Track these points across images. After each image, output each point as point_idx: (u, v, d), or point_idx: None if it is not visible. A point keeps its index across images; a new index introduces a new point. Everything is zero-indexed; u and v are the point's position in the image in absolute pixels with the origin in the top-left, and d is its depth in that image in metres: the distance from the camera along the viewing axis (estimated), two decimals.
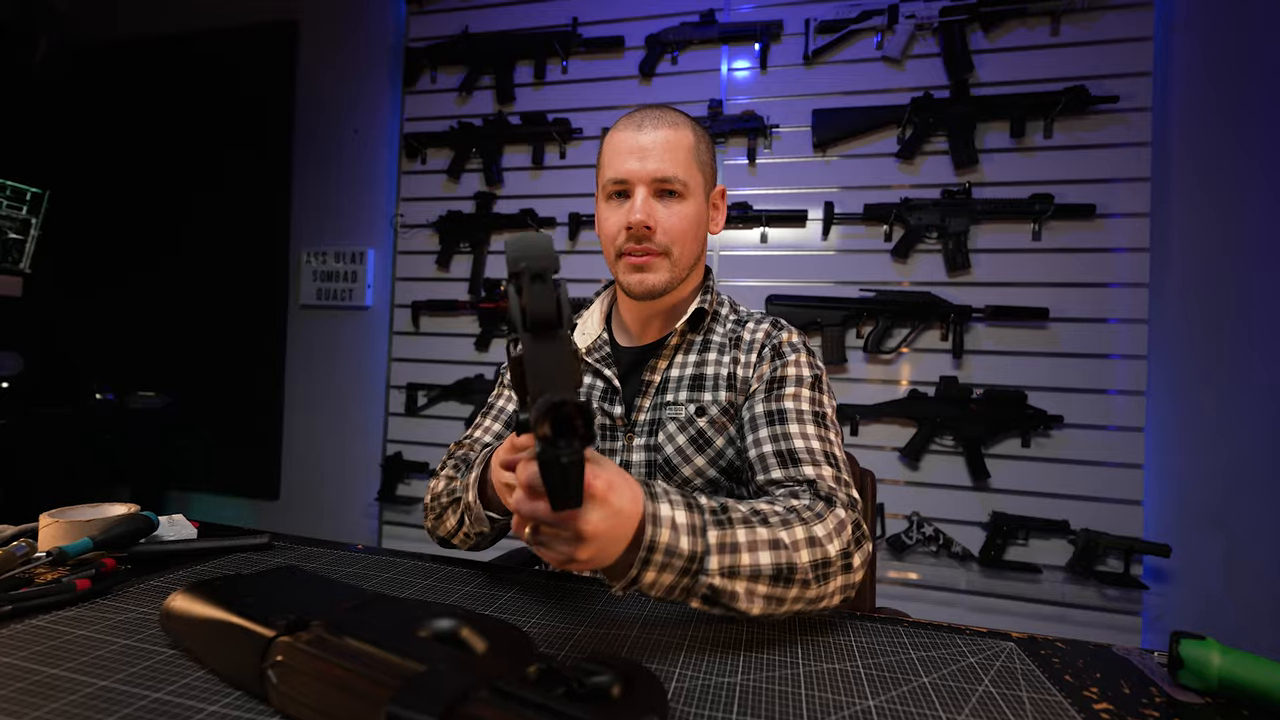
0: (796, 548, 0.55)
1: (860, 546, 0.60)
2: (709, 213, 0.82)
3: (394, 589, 0.64)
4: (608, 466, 0.46)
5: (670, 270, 0.78)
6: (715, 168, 0.83)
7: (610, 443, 0.81)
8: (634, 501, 0.47)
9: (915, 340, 1.73)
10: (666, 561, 0.49)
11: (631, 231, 0.75)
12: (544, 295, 0.38)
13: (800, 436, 0.70)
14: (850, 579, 0.58)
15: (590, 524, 0.43)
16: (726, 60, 1.91)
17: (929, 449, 1.70)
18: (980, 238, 1.71)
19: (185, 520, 0.77)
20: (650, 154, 0.75)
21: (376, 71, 2.25)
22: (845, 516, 0.60)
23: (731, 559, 0.51)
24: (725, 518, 0.53)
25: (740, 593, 0.52)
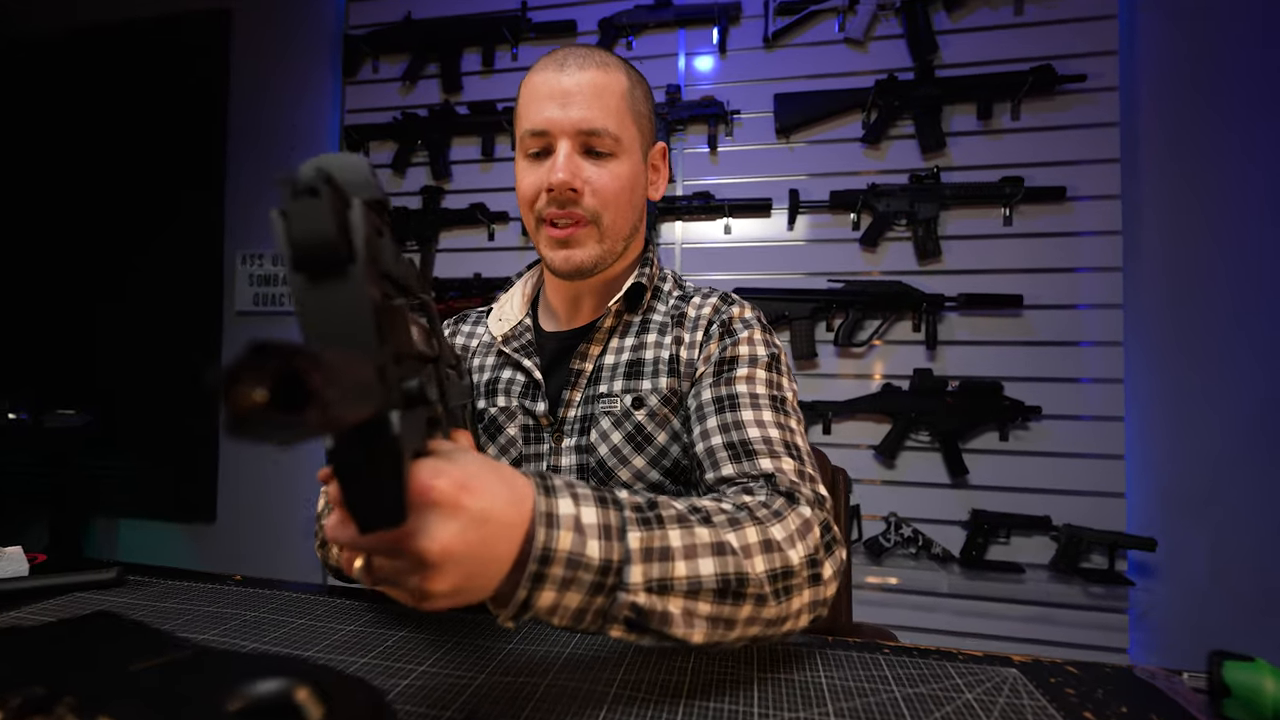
0: (748, 553, 0.43)
1: (831, 553, 0.49)
2: (647, 174, 0.71)
3: (254, 633, 0.51)
4: (462, 457, 0.34)
5: (600, 243, 0.67)
6: (654, 121, 0.72)
7: (535, 445, 0.69)
8: (514, 501, 0.35)
9: (887, 332, 1.65)
10: (569, 576, 0.36)
11: (553, 194, 0.64)
12: (313, 212, 0.24)
13: (755, 425, 0.58)
14: (820, 593, 0.47)
15: (437, 542, 0.30)
16: (684, 44, 1.83)
17: (905, 445, 1.62)
18: (950, 224, 1.64)
19: (20, 553, 0.63)
20: (574, 99, 0.63)
21: (315, 62, 2.11)
22: (811, 516, 0.49)
23: (662, 569, 0.39)
24: (653, 515, 0.41)
25: (675, 614, 0.39)
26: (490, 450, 0.70)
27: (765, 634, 0.45)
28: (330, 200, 0.25)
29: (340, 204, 0.26)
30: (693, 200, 1.75)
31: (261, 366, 0.18)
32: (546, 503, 0.36)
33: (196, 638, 0.49)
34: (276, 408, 0.18)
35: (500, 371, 0.73)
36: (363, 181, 0.30)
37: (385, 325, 0.28)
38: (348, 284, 0.26)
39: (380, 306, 0.28)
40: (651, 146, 0.71)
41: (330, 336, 0.26)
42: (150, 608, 0.56)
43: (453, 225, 1.94)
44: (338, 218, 0.25)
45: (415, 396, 0.30)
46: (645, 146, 0.69)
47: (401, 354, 0.30)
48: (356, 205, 0.27)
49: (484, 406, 0.72)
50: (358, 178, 0.30)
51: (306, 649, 0.48)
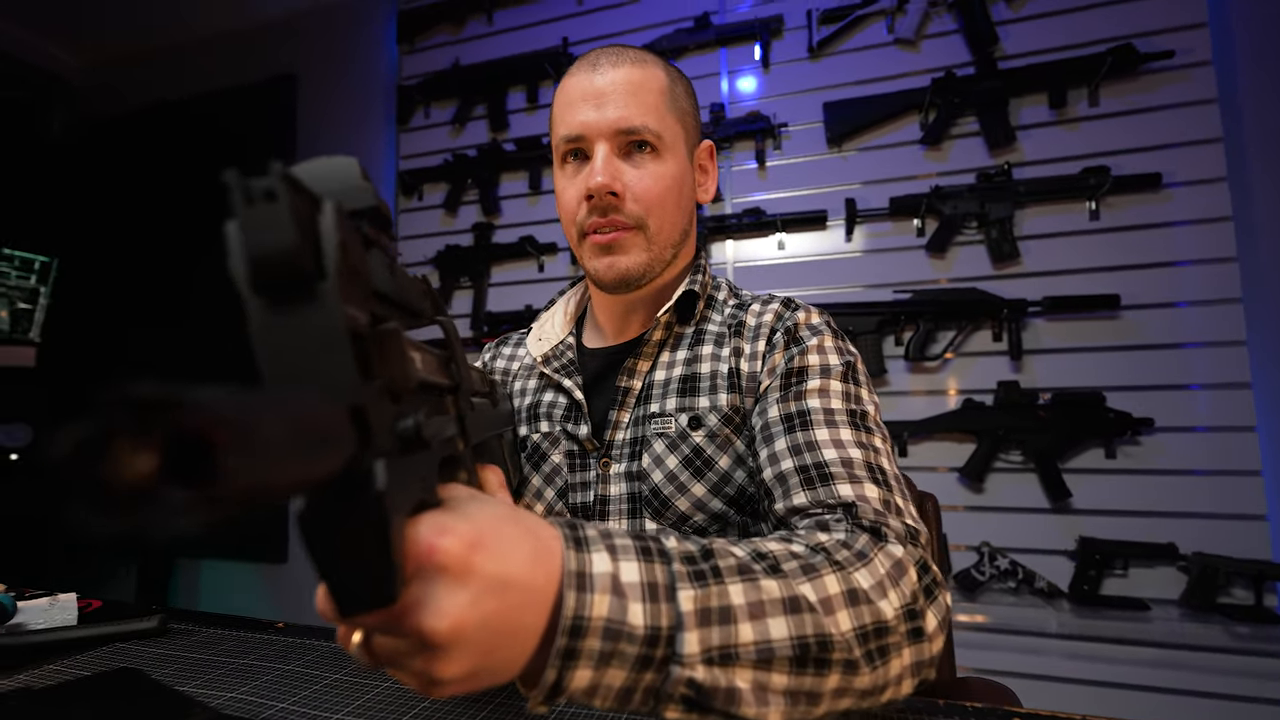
0: (829, 608, 0.35)
1: (933, 599, 0.41)
2: (695, 175, 0.66)
3: (284, 690, 0.47)
4: (474, 508, 0.27)
5: (648, 249, 0.61)
6: (698, 119, 0.67)
7: (582, 473, 0.63)
8: (539, 559, 0.28)
9: (964, 343, 1.52)
10: (609, 649, 0.29)
11: (593, 201, 0.59)
12: (270, 219, 0.20)
13: (831, 445, 0.50)
14: (923, 652, 0.39)
15: (446, 617, 0.24)
16: (725, 63, 1.80)
17: (993, 466, 1.47)
18: (1027, 222, 1.51)
19: (72, 601, 0.62)
20: (610, 98, 0.59)
21: (372, 114, 2.21)
22: (903, 556, 0.41)
23: (723, 634, 0.31)
24: (708, 566, 0.33)
25: (744, 690, 0.32)
26: (535, 480, 0.65)
27: (859, 705, 0.37)
28: (292, 205, 0.20)
29: (307, 209, 0.21)
30: (743, 217, 1.69)
31: (142, 425, 0.13)
32: (577, 559, 0.29)
33: (223, 696, 0.46)
34: (172, 481, 0.13)
35: (541, 395, 0.69)
36: (350, 187, 0.26)
37: (373, 355, 0.23)
38: (316, 306, 0.21)
39: (363, 332, 0.23)
40: (698, 145, 0.66)
41: (297, 374, 0.21)
42: (185, 660, 0.53)
43: (503, 259, 1.96)
44: (301, 226, 0.20)
45: (412, 438, 0.24)
46: (690, 145, 0.65)
47: (398, 388, 0.24)
48: (328, 210, 0.22)
49: (526, 433, 0.68)
50: (343, 183, 0.26)
51: (334, 711, 0.43)
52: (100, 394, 0.13)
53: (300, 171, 0.25)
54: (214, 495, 0.13)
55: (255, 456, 0.14)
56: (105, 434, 0.12)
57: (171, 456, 0.13)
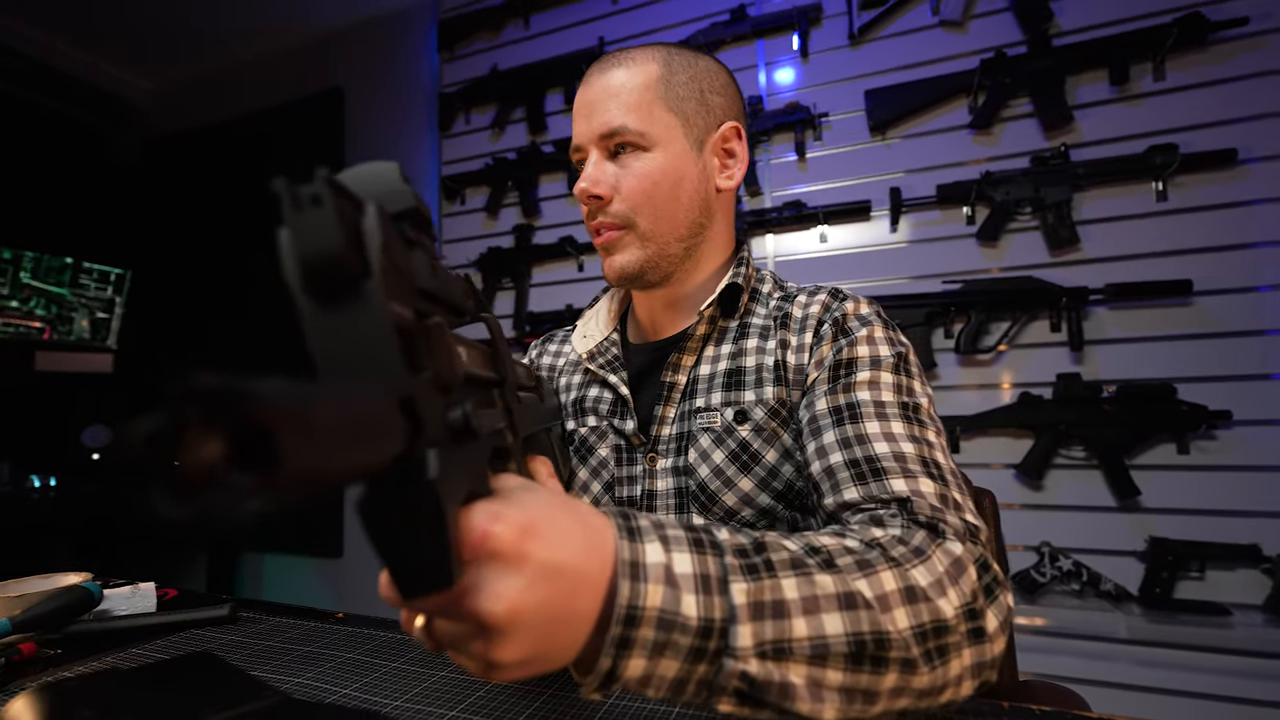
0: (886, 605, 0.34)
1: (993, 599, 0.39)
2: (708, 162, 0.63)
3: (346, 677, 0.49)
4: (527, 497, 0.28)
5: (642, 246, 0.61)
6: (717, 102, 0.64)
7: (629, 467, 0.63)
8: (592, 547, 0.28)
9: (1019, 334, 1.46)
10: (662, 640, 0.29)
11: (585, 206, 0.61)
12: (317, 223, 0.21)
13: (883, 438, 0.49)
14: (984, 653, 0.37)
15: (502, 600, 0.25)
16: (763, 55, 1.77)
17: (1053, 463, 1.40)
18: (1086, 206, 1.43)
19: (151, 590, 0.66)
20: (595, 107, 0.60)
21: (415, 122, 2.27)
22: (963, 553, 0.40)
23: (776, 628, 0.31)
24: (760, 560, 0.33)
25: (798, 685, 0.31)
26: (582, 473, 0.66)
27: (917, 706, 0.36)
28: (337, 208, 0.21)
29: (350, 212, 0.22)
30: (783, 210, 1.67)
31: (209, 415, 0.13)
32: (631, 548, 0.30)
33: (291, 680, 0.48)
34: (237, 468, 0.13)
35: (587, 390, 0.69)
36: (390, 190, 0.27)
37: (420, 349, 0.24)
38: (363, 303, 0.22)
39: (409, 327, 0.23)
40: (712, 130, 0.63)
41: (348, 369, 0.22)
42: (253, 646, 0.56)
43: (544, 260, 1.98)
44: (346, 228, 0.21)
45: (461, 429, 0.25)
46: (697, 134, 0.62)
47: (446, 380, 0.25)
48: (371, 211, 0.23)
49: (574, 427, 0.68)
50: (384, 186, 0.27)
51: (394, 698, 0.45)
52: (171, 387, 0.13)
53: (344, 177, 0.27)
54: (276, 481, 0.14)
55: (313, 444, 0.15)
56: (176, 425, 0.13)
57: (237, 445, 0.14)
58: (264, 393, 0.14)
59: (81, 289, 2.34)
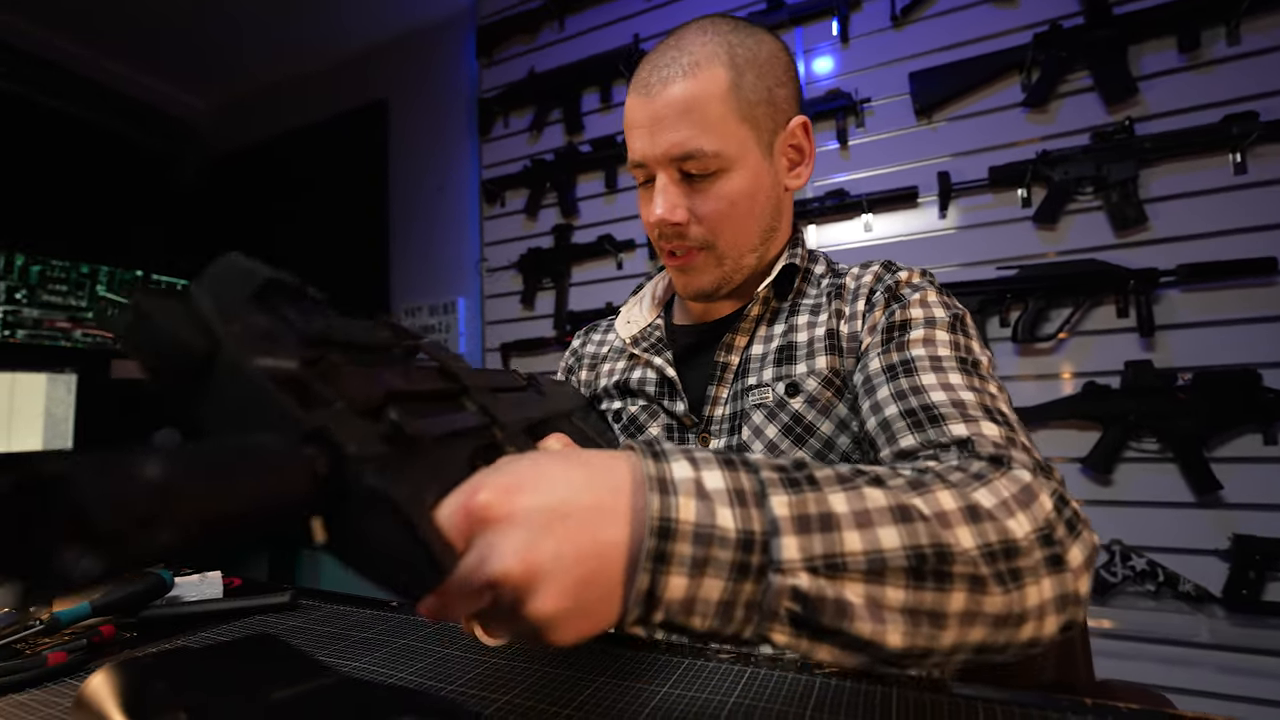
0: (946, 522, 0.31)
1: (1077, 534, 0.35)
2: (778, 165, 0.61)
3: (402, 661, 0.49)
4: (512, 461, 0.28)
5: (719, 266, 0.61)
6: (782, 95, 0.60)
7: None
8: (595, 481, 0.27)
9: (1081, 321, 1.38)
10: (701, 555, 0.26)
11: (658, 231, 0.60)
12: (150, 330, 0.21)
13: (940, 388, 0.46)
14: (1066, 584, 0.33)
15: (510, 556, 0.24)
16: (801, 42, 1.74)
17: (1123, 456, 1.32)
18: (1154, 182, 1.35)
19: (218, 578, 0.69)
20: (662, 124, 0.55)
21: (456, 128, 2.32)
22: (1032, 482, 0.36)
23: (825, 541, 0.28)
24: (801, 475, 0.30)
25: (856, 604, 0.28)
26: None
27: (995, 640, 0.32)
28: (160, 310, 0.22)
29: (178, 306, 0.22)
30: (825, 200, 1.63)
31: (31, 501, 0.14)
32: (656, 466, 0.28)
33: (348, 664, 0.49)
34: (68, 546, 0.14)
35: (631, 373, 0.69)
36: (238, 274, 0.26)
37: (316, 389, 0.24)
38: (225, 372, 0.22)
39: (291, 374, 0.24)
40: (779, 132, 0.60)
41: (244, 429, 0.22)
42: (313, 632, 0.57)
43: (583, 259, 1.99)
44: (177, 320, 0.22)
45: (396, 437, 0.25)
46: (766, 139, 0.59)
47: (364, 404, 0.25)
48: (200, 291, 0.23)
49: (621, 405, 0.68)
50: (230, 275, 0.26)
51: (449, 683, 0.45)
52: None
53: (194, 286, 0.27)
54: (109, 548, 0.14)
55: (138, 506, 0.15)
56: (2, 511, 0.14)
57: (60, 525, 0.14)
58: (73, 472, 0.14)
59: None
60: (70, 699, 0.45)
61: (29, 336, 2.16)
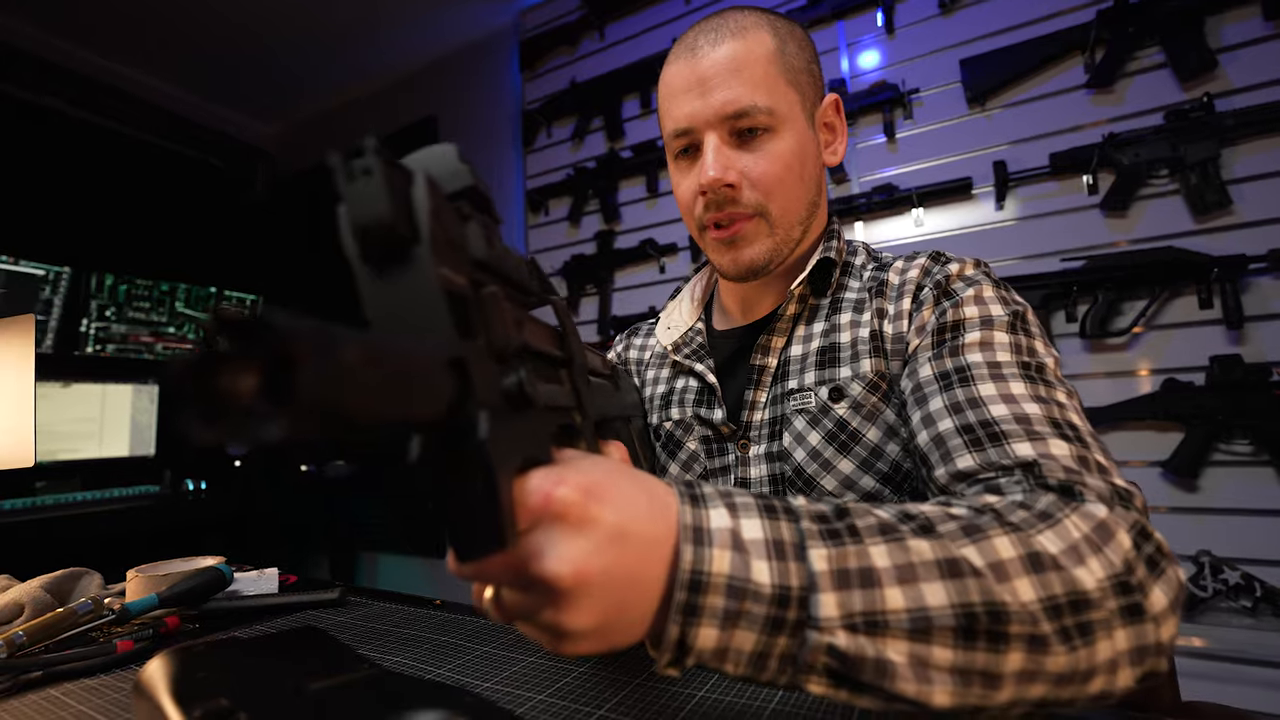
0: (1002, 574, 0.29)
1: (1159, 573, 0.32)
2: (819, 137, 0.60)
3: (441, 658, 0.50)
4: (587, 462, 0.26)
5: (771, 235, 0.58)
6: (818, 72, 0.61)
7: (720, 458, 0.61)
8: (656, 513, 0.26)
9: (1158, 314, 1.28)
10: (734, 608, 0.26)
11: (708, 197, 0.56)
12: (368, 192, 0.22)
13: (1000, 400, 0.42)
14: (1145, 635, 0.30)
15: (567, 562, 0.23)
16: (844, 36, 1.70)
17: (1210, 459, 1.22)
18: (1238, 163, 1.24)
19: (274, 575, 0.72)
20: (713, 83, 0.55)
21: (501, 140, 2.38)
22: (1108, 517, 0.33)
23: (866, 598, 0.27)
24: (843, 525, 0.29)
25: (898, 663, 0.27)
26: (672, 468, 0.64)
27: (1059, 696, 0.30)
28: (386, 178, 0.22)
29: (400, 182, 0.23)
30: (872, 196, 1.58)
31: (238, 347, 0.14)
32: (693, 514, 0.27)
33: (389, 659, 0.49)
34: (264, 397, 0.14)
35: (674, 382, 0.67)
36: (448, 169, 0.27)
37: (473, 315, 0.24)
38: (413, 268, 0.22)
39: (462, 293, 0.24)
40: (819, 103, 0.61)
41: (400, 329, 0.22)
42: (359, 627, 0.59)
43: (625, 264, 2.00)
44: (395, 196, 0.22)
45: (515, 395, 0.25)
46: (809, 107, 0.59)
47: (500, 348, 0.25)
48: (420, 180, 0.23)
49: (658, 421, 0.67)
50: (442, 165, 0.27)
51: (485, 680, 0.45)
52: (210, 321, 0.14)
53: (408, 159, 0.27)
54: (293, 411, 0.14)
55: (331, 381, 0.15)
56: (209, 355, 0.14)
57: (263, 374, 0.14)
58: (290, 327, 0.15)
59: None
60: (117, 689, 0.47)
61: (117, 351, 2.34)
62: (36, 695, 0.46)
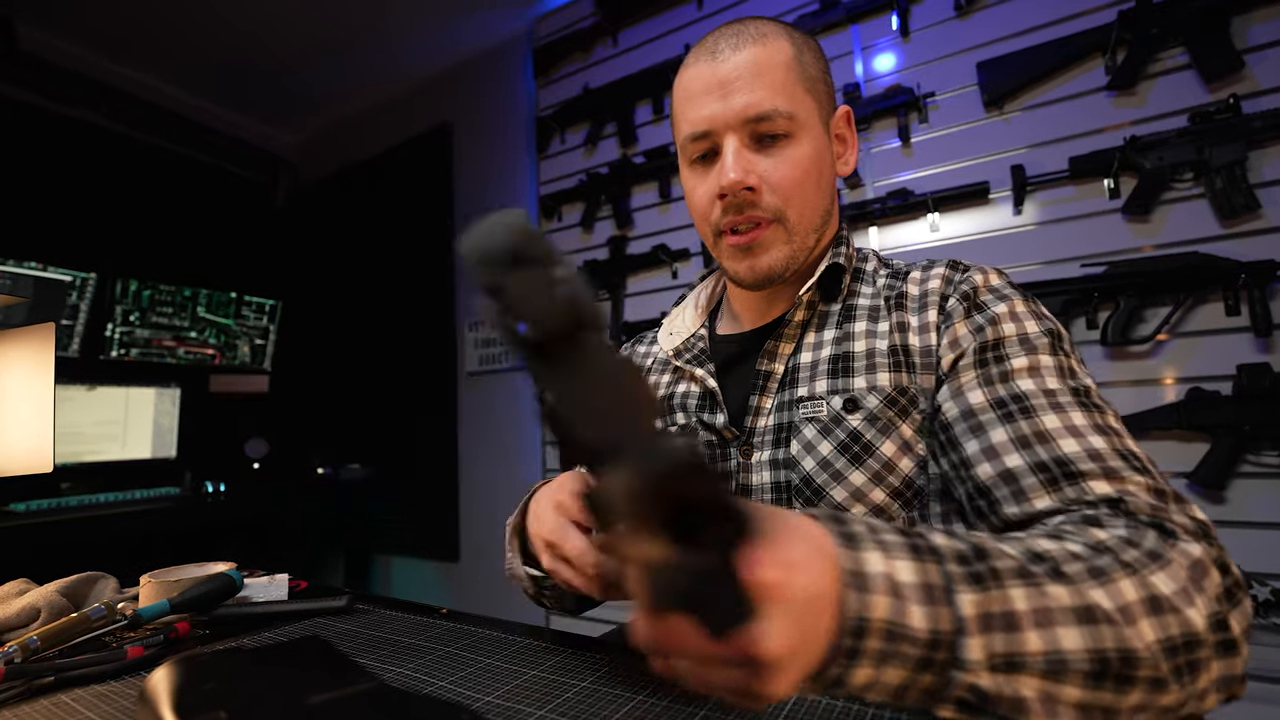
0: (1130, 618, 0.31)
1: (1236, 604, 0.34)
2: (833, 147, 0.61)
3: (444, 669, 0.50)
4: (770, 525, 0.26)
5: (789, 242, 0.58)
6: (831, 83, 0.62)
7: (720, 464, 0.60)
8: (824, 567, 0.27)
9: (1182, 321, 1.25)
10: (889, 650, 0.28)
11: (726, 200, 0.56)
12: (537, 284, 0.21)
13: (1068, 434, 0.43)
14: (1234, 667, 0.33)
15: (778, 640, 0.24)
16: (858, 40, 1.68)
17: (1237, 471, 1.18)
18: (1268, 165, 1.21)
19: (284, 581, 0.73)
20: (735, 86, 0.55)
21: (515, 147, 2.40)
22: (1202, 554, 0.35)
23: (1007, 641, 0.29)
24: (985, 569, 0.30)
25: (1030, 698, 0.29)
26: None
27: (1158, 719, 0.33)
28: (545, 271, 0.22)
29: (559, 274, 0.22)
30: (887, 201, 1.56)
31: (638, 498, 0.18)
32: (851, 557, 0.28)
33: (392, 669, 0.49)
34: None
35: (675, 387, 0.67)
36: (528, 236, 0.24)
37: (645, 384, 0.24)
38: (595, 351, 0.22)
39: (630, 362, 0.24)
40: (833, 114, 0.61)
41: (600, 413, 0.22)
42: (364, 636, 0.59)
43: (638, 270, 2.00)
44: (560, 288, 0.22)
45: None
46: (825, 116, 0.59)
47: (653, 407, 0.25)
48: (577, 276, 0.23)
49: (661, 427, 0.66)
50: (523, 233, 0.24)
51: (486, 694, 0.45)
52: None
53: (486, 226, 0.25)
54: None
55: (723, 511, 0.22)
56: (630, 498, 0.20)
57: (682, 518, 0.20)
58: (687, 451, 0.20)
59: (243, 319, 2.68)
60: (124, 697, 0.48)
61: (140, 355, 2.39)
62: (47, 701, 0.47)
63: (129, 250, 2.50)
